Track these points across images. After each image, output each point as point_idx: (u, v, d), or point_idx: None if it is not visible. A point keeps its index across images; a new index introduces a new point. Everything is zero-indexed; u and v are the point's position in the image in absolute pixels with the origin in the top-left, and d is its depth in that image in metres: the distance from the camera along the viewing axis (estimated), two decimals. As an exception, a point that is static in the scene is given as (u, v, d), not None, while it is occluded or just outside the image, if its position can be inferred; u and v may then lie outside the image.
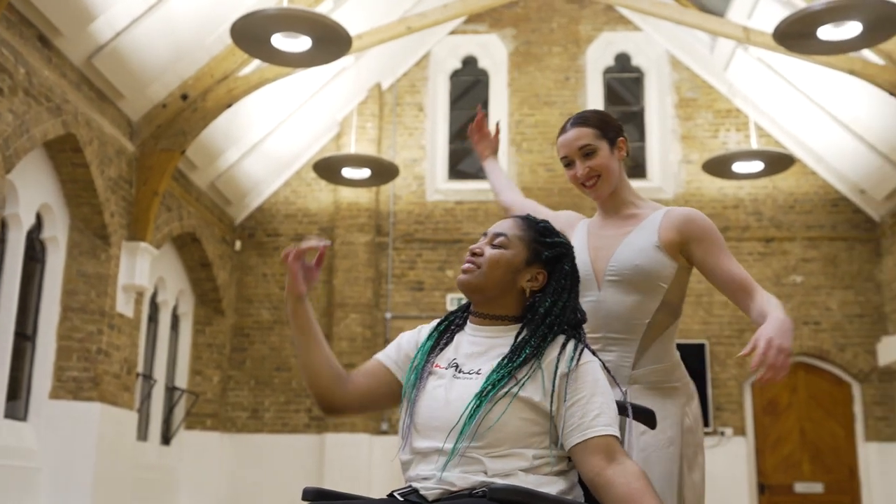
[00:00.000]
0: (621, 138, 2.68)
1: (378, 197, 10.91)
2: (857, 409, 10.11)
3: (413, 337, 2.35)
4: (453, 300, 10.50)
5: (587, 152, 2.62)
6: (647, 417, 2.30)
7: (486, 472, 2.02)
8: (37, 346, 7.32)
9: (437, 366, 2.21)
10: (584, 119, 2.67)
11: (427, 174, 11.06)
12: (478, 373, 2.13)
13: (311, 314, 2.32)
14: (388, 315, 10.56)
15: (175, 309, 10.11)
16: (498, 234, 2.23)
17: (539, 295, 2.21)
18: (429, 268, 10.70)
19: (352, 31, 7.19)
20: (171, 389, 9.96)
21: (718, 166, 9.02)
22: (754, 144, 9.61)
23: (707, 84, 10.94)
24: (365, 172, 9.23)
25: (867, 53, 8.03)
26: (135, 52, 7.52)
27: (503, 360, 2.11)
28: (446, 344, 2.26)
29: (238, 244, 10.85)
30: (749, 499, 9.84)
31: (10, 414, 6.97)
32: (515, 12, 11.41)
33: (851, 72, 7.95)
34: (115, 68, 7.48)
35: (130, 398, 8.07)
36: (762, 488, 9.97)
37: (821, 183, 10.57)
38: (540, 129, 11.07)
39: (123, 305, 7.89)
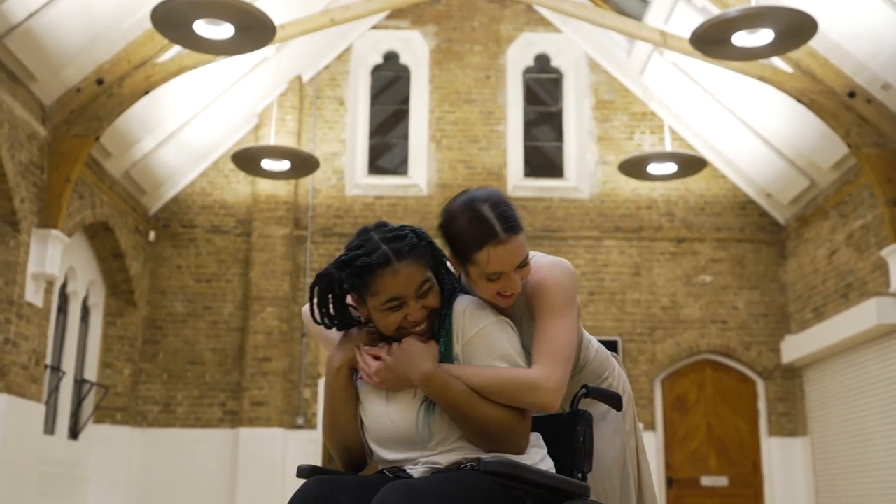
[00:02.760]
0: None
1: (297, 190, 10.83)
2: (761, 405, 10.48)
3: None
4: (371, 295, 10.47)
5: (522, 264, 2.25)
6: (613, 400, 2.41)
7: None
8: (-60, 334, 7.06)
9: (364, 378, 2.26)
10: (518, 225, 2.23)
11: (346, 168, 11.02)
12: None
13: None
14: (306, 309, 10.47)
15: (85, 300, 9.85)
16: (423, 283, 2.17)
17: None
18: (347, 262, 10.65)
19: (275, 21, 7.12)
20: (79, 382, 9.70)
21: (633, 167, 9.24)
22: (668, 147, 9.87)
23: (623, 87, 11.19)
24: (285, 164, 9.15)
25: (777, 61, 8.33)
26: (49, 34, 7.31)
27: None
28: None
29: (152, 235, 10.63)
30: (658, 492, 10.08)
31: (-90, 405, 6.71)
32: (437, 10, 11.47)
33: (762, 78, 8.23)
34: (28, 49, 7.25)
35: (38, 390, 7.84)
36: (670, 482, 10.25)
37: (730, 186, 10.92)
38: (460, 126, 11.15)
39: (33, 294, 7.66)
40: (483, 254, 2.17)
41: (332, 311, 2.24)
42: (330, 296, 2.23)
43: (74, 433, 9.57)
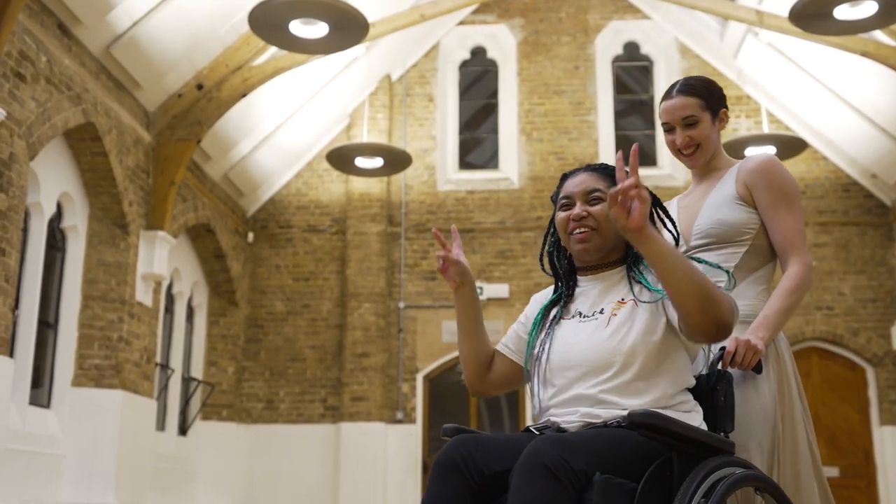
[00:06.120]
0: (724, 109, 2.73)
1: (389, 187, 10.94)
2: (872, 393, 10.14)
3: (528, 312, 2.50)
4: (466, 289, 10.51)
5: (689, 123, 2.67)
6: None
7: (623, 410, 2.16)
8: (59, 334, 7.36)
9: (562, 318, 2.36)
10: (691, 88, 2.70)
11: (438, 164, 11.09)
12: (601, 312, 2.28)
13: (470, 302, 2.44)
14: (402, 304, 10.59)
15: (190, 300, 10.14)
16: (591, 191, 2.34)
17: None
18: (441, 257, 10.71)
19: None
20: (187, 380, 9.99)
21: (731, 152, 9.02)
22: (766, 130, 9.64)
23: (717, 71, 10.96)
24: (378, 162, 9.26)
25: (879, 35, 8.05)
26: (152, 42, 7.55)
27: (626, 292, 2.30)
28: (565, 303, 2.39)
29: (251, 236, 10.88)
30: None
31: (34, 401, 7.00)
32: (524, 2, 11.44)
33: (865, 53, 7.97)
34: (132, 58, 7.51)
35: (150, 387, 8.10)
36: (777, 473, 9.99)
37: (832, 168, 10.60)
38: (549, 118, 11.10)
39: (142, 294, 7.92)
40: (661, 107, 2.73)
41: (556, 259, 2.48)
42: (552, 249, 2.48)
43: (183, 429, 9.86)
